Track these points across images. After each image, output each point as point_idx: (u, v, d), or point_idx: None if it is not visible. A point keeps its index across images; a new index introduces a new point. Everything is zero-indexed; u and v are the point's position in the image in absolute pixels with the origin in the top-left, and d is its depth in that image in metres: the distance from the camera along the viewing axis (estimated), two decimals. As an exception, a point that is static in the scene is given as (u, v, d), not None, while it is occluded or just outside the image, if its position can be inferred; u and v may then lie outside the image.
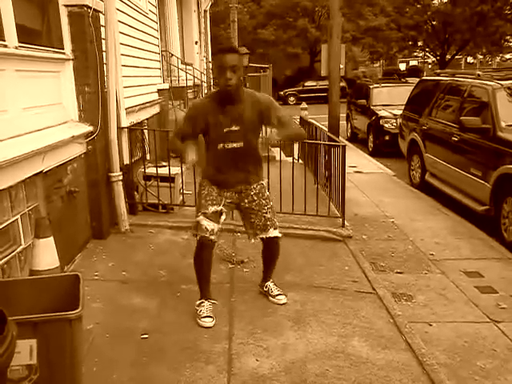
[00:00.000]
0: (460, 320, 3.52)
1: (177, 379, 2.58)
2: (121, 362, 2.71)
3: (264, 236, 3.23)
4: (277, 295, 3.47)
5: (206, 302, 3.22)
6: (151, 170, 5.36)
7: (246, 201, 3.17)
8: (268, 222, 3.19)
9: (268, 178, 4.41)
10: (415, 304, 3.77)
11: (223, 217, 3.13)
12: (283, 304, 3.42)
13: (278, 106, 3.11)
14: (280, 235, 3.28)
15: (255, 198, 3.17)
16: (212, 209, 3.08)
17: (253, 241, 3.32)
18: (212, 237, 3.09)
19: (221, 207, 3.10)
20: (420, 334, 3.25)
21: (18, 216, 3.11)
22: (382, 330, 3.18)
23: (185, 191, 5.62)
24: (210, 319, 3.12)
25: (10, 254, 2.99)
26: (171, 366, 2.68)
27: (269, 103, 3.05)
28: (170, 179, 5.27)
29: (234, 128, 2.97)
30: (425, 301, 3.81)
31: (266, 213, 3.18)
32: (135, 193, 5.28)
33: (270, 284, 3.52)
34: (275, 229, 3.23)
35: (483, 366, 2.95)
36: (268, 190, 3.34)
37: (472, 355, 3.07)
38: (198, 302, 3.22)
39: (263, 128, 3.16)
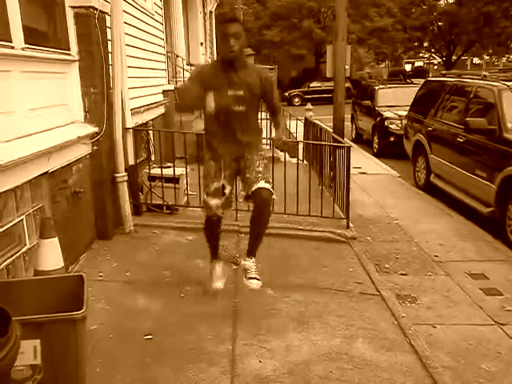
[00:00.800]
0: (464, 322, 3.51)
1: (180, 380, 2.59)
2: (124, 362, 2.71)
3: (253, 188, 3.07)
4: (250, 278, 3.19)
5: (216, 263, 3.48)
6: (156, 171, 5.38)
7: (242, 163, 3.20)
8: (259, 175, 3.12)
9: (273, 179, 4.41)
10: (419, 306, 3.75)
11: (227, 189, 3.19)
12: (252, 289, 3.19)
13: (276, 90, 3.29)
14: (270, 188, 3.10)
15: (248, 157, 3.18)
16: (212, 187, 3.16)
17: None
18: (218, 211, 3.16)
19: (221, 182, 3.17)
20: (424, 336, 3.24)
21: (23, 216, 3.12)
22: (386, 331, 3.17)
23: (189, 192, 5.62)
24: (220, 282, 3.41)
25: (14, 254, 3.00)
26: (175, 367, 2.69)
27: (270, 80, 3.19)
28: (174, 180, 5.28)
29: (238, 92, 3.03)
30: (429, 303, 3.80)
31: (258, 166, 3.16)
32: (140, 193, 5.29)
33: (249, 263, 3.23)
34: (266, 182, 3.10)
35: (488, 369, 2.94)
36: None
37: (476, 358, 3.06)
38: (211, 268, 3.50)
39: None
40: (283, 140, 3.23)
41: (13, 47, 3.15)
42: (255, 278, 3.19)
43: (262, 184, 3.09)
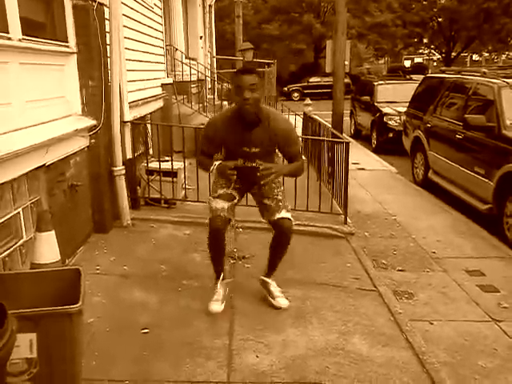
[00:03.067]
0: (461, 319, 3.52)
1: (177, 374, 2.59)
2: (121, 356, 2.71)
3: (275, 217, 3.14)
4: (277, 297, 3.34)
5: (219, 284, 3.30)
6: (154, 165, 5.36)
7: (256, 187, 3.20)
8: (280, 203, 3.16)
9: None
10: (416, 302, 3.76)
11: (235, 200, 3.19)
12: (283, 307, 3.30)
13: (295, 139, 3.17)
14: (290, 216, 3.18)
15: (265, 184, 3.15)
16: (221, 191, 3.15)
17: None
18: (222, 213, 3.09)
19: (230, 190, 3.15)
20: (421, 332, 3.24)
21: (20, 209, 3.11)
22: (383, 327, 3.17)
23: (187, 186, 5.61)
24: (219, 303, 3.24)
25: (11, 247, 2.99)
26: (171, 361, 2.68)
27: (287, 135, 3.08)
28: (172, 174, 5.27)
29: (253, 150, 3.03)
30: (426, 299, 3.80)
31: (277, 195, 3.18)
32: (137, 187, 5.28)
33: (271, 283, 3.39)
34: (287, 211, 3.17)
35: (484, 365, 2.94)
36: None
37: (473, 354, 3.07)
38: (214, 286, 3.34)
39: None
40: (271, 170, 2.96)
41: (10, 38, 3.12)
42: (281, 297, 3.35)
43: (283, 214, 3.14)
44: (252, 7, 30.88)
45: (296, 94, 27.51)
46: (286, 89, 27.80)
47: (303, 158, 3.53)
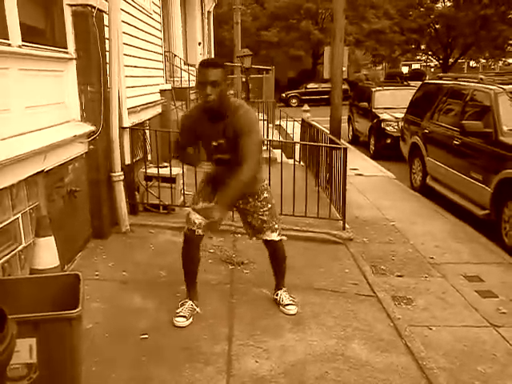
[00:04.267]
0: (460, 324, 3.52)
1: (176, 380, 2.58)
2: (120, 361, 2.70)
3: (261, 238, 3.21)
4: (286, 305, 3.36)
5: (189, 302, 3.23)
6: (152, 171, 5.37)
7: (241, 201, 3.11)
8: (264, 225, 3.13)
9: (269, 180, 4.41)
10: (415, 307, 3.76)
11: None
12: (293, 315, 3.31)
13: (249, 130, 2.82)
14: (278, 239, 3.20)
15: (250, 200, 3.10)
16: (201, 204, 3.00)
17: (252, 240, 3.36)
18: (198, 230, 3.04)
19: (212, 204, 2.92)
20: (420, 337, 3.24)
21: (19, 215, 3.11)
22: (382, 333, 3.17)
23: (186, 192, 5.62)
24: (183, 319, 3.12)
25: (10, 252, 2.99)
26: (170, 367, 2.68)
27: (243, 123, 2.83)
28: (171, 180, 5.28)
29: (220, 141, 2.93)
30: (425, 304, 3.81)
31: (262, 215, 3.11)
32: (136, 193, 5.28)
33: (281, 293, 3.43)
34: (273, 232, 3.15)
35: (483, 371, 2.94)
36: (267, 192, 3.17)
37: (472, 359, 3.07)
38: (181, 302, 3.24)
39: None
40: (209, 210, 2.74)
41: (10, 45, 3.13)
42: (290, 304, 3.36)
43: (268, 235, 3.15)
44: (250, 14, 30.98)
45: (294, 100, 27.58)
46: (284, 95, 27.87)
47: (302, 163, 3.47)
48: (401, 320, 3.36)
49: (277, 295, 3.44)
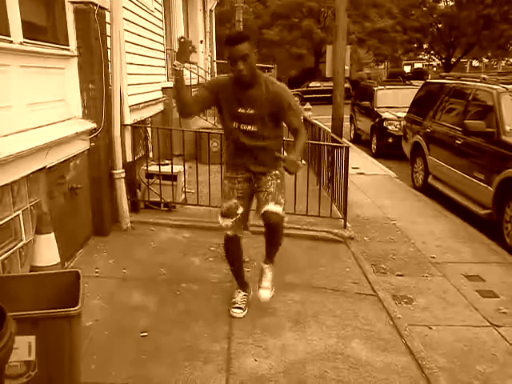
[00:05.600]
0: (460, 324, 3.51)
1: (175, 378, 2.58)
2: (119, 359, 2.70)
3: (262, 210, 3.01)
4: (260, 288, 3.22)
5: (241, 292, 3.36)
6: (154, 168, 5.36)
7: (256, 185, 3.12)
8: (269, 196, 3.02)
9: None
10: (415, 307, 3.76)
11: (239, 210, 3.11)
12: (263, 299, 3.22)
13: (296, 109, 3.01)
14: (281, 212, 3.01)
15: (262, 178, 3.09)
16: (225, 205, 3.14)
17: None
18: (229, 232, 3.15)
19: (233, 201, 3.10)
20: (420, 337, 3.24)
21: (20, 211, 3.11)
22: (382, 332, 3.17)
23: (187, 189, 5.62)
24: (240, 310, 3.25)
25: (10, 249, 2.99)
26: (170, 365, 2.68)
27: (287, 103, 2.94)
28: (172, 177, 5.27)
29: (248, 111, 2.93)
30: (425, 304, 3.80)
31: (270, 186, 3.05)
32: (137, 190, 5.28)
33: (266, 268, 3.25)
34: (276, 204, 3.00)
35: (483, 371, 2.94)
36: (281, 173, 3.13)
37: (472, 359, 3.06)
38: (235, 292, 3.39)
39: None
40: (295, 163, 2.82)
41: (11, 41, 3.13)
42: (264, 289, 3.23)
43: (270, 207, 3.01)
44: (252, 12, 30.96)
45: (296, 99, 27.32)
46: (286, 93, 27.79)
47: (303, 162, 3.47)
48: (401, 319, 3.36)
49: (262, 269, 3.28)
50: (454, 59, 30.33)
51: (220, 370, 2.66)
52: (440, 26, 29.26)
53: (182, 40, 2.89)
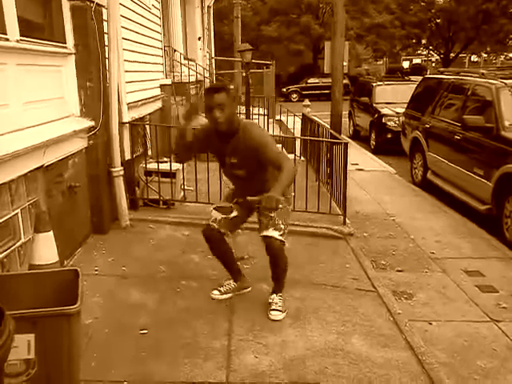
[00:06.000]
0: (460, 319, 3.51)
1: (175, 375, 2.58)
2: (119, 357, 2.70)
3: (262, 234, 3.12)
4: (272, 310, 3.23)
5: (229, 280, 3.49)
6: (152, 166, 5.35)
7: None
8: (270, 222, 3.08)
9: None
10: (415, 302, 3.76)
11: (233, 213, 3.25)
12: (276, 320, 3.17)
13: (267, 144, 2.96)
14: (277, 236, 3.06)
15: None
16: (222, 204, 3.30)
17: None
18: (213, 224, 3.21)
19: (231, 204, 3.26)
20: (420, 332, 3.24)
21: (18, 210, 3.10)
22: (382, 328, 3.17)
23: (186, 187, 5.61)
24: (218, 292, 3.42)
25: (9, 248, 2.99)
26: (170, 362, 2.68)
27: (259, 142, 2.96)
28: (171, 175, 5.27)
29: (232, 160, 3.10)
30: (425, 299, 3.80)
31: (271, 213, 3.05)
32: (136, 188, 5.27)
33: (274, 297, 3.30)
34: (275, 229, 3.07)
35: (483, 366, 2.94)
36: (286, 200, 3.10)
37: (472, 354, 3.06)
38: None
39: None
40: (273, 199, 2.66)
41: (8, 39, 3.12)
42: (276, 310, 3.23)
43: (270, 232, 3.07)
44: (251, 8, 30.87)
45: (295, 95, 27.50)
46: (284, 90, 27.79)
47: (302, 158, 3.47)
48: (401, 315, 3.36)
49: (270, 299, 3.31)
50: (452, 54, 30.30)
51: (220, 366, 2.66)
52: (438, 20, 29.22)
53: (191, 103, 3.05)
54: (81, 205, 4.21)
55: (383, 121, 10.46)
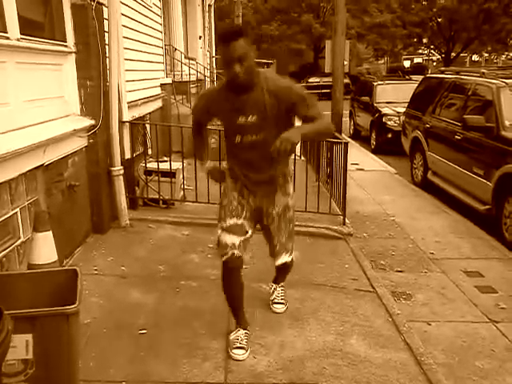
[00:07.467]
0: (459, 320, 3.51)
1: (174, 375, 2.58)
2: (118, 357, 2.70)
3: (277, 262, 2.98)
4: (275, 303, 3.26)
5: (241, 330, 2.85)
6: (152, 165, 5.35)
7: (265, 219, 2.83)
8: (282, 249, 2.90)
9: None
10: (414, 303, 3.76)
11: (249, 233, 2.74)
12: (278, 313, 3.22)
13: (310, 100, 2.53)
14: (289, 259, 2.97)
15: (275, 220, 2.82)
16: (231, 221, 2.68)
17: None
18: (234, 251, 2.64)
19: (241, 220, 2.69)
20: (419, 333, 3.24)
21: (18, 209, 3.10)
22: (381, 328, 3.17)
23: (186, 186, 5.61)
24: (243, 351, 2.76)
25: (8, 247, 2.99)
26: (168, 362, 2.68)
27: (296, 96, 2.50)
28: (171, 174, 5.26)
29: (250, 119, 2.49)
30: (424, 300, 3.80)
31: (282, 237, 2.87)
32: (136, 187, 5.27)
33: (276, 287, 3.29)
34: (287, 253, 2.94)
35: (481, 366, 2.94)
36: (292, 207, 2.94)
37: (470, 355, 3.06)
38: (233, 331, 2.88)
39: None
40: (288, 139, 2.24)
41: (8, 38, 3.11)
42: (280, 303, 3.21)
43: (283, 259, 2.94)
44: (251, 7, 30.85)
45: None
46: (285, 89, 27.71)
47: (302, 158, 3.32)
48: (400, 315, 3.36)
49: (271, 286, 3.32)
50: (453, 54, 30.24)
51: (219, 367, 2.66)
52: (440, 20, 29.15)
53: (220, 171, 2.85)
54: (80, 204, 4.20)
55: (384, 120, 10.45)
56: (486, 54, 35.69)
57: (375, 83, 11.92)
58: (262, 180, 2.69)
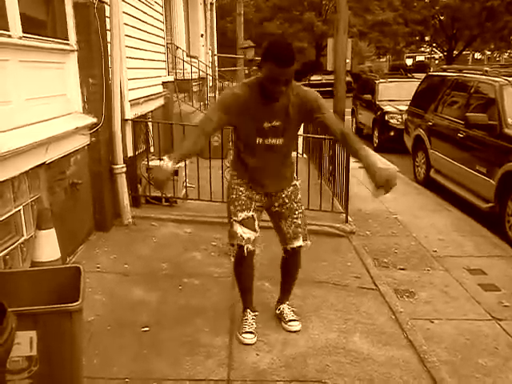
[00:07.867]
0: (462, 317, 3.51)
1: (177, 372, 2.58)
2: (121, 354, 2.71)
3: (292, 245, 2.91)
4: (289, 321, 3.07)
5: (250, 314, 3.00)
6: (155, 163, 5.35)
7: (276, 204, 2.87)
8: (299, 229, 2.88)
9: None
10: (417, 301, 3.75)
11: (256, 223, 2.82)
12: (295, 332, 3.03)
13: (327, 108, 2.72)
14: (304, 243, 2.94)
15: (286, 201, 2.86)
16: (242, 215, 2.78)
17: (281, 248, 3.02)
18: (250, 246, 2.78)
19: (251, 213, 2.79)
20: (421, 330, 3.24)
21: (21, 207, 3.11)
22: (384, 326, 3.16)
23: (188, 184, 5.61)
24: (251, 335, 2.89)
25: (12, 245, 2.99)
26: (171, 360, 2.68)
27: (316, 104, 2.66)
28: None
29: (274, 123, 2.64)
30: (427, 298, 3.80)
31: (297, 218, 2.87)
32: (138, 185, 5.27)
33: (284, 307, 3.15)
34: (304, 239, 2.92)
35: (484, 364, 2.94)
36: (299, 192, 2.97)
37: (473, 353, 3.06)
38: (242, 314, 3.03)
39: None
40: (391, 174, 2.64)
41: (10, 36, 3.11)
42: (294, 320, 3.08)
43: (300, 242, 2.90)
44: (253, 5, 30.83)
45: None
46: (287, 87, 27.71)
47: (304, 156, 3.31)
48: (403, 313, 3.35)
49: (278, 310, 3.16)
50: (456, 52, 30.20)
51: (221, 364, 2.67)
52: (442, 18, 29.13)
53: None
54: (83, 202, 4.21)
55: (386, 118, 10.42)
56: (489, 52, 35.61)
57: (377, 81, 11.89)
58: (272, 180, 2.84)
